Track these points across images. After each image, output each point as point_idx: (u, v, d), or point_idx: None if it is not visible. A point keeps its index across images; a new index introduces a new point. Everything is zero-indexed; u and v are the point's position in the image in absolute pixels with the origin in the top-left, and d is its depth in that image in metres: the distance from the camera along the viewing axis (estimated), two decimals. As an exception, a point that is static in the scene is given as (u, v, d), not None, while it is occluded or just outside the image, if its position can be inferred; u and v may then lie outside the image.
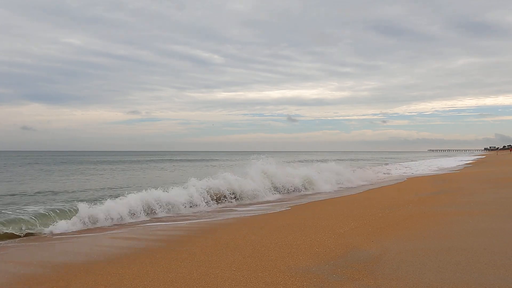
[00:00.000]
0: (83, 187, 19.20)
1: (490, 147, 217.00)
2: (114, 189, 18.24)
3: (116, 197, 10.96)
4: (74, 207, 9.80)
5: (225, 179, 13.55)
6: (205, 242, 7.05)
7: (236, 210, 11.55)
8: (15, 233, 8.14)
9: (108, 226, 9.26)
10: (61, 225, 8.75)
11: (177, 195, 11.45)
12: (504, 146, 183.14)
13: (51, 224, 8.79)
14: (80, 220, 9.16)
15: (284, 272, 5.01)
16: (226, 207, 12.35)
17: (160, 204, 10.81)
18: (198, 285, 4.64)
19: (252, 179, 14.44)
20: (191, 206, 11.46)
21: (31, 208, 10.46)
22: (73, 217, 9.29)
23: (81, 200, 11.43)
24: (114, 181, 23.93)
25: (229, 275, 4.98)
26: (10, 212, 9.83)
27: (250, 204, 12.90)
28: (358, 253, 5.74)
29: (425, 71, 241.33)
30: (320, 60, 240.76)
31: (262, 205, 12.61)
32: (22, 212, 9.83)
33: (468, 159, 63.28)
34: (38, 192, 16.74)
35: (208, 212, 11.36)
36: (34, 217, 9.04)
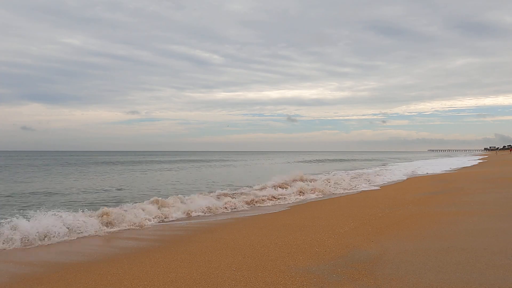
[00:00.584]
0: (74, 190, 19.20)
1: (490, 147, 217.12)
2: (109, 191, 18.25)
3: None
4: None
5: None
6: (205, 242, 7.04)
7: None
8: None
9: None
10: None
11: None
12: (504, 146, 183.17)
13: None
14: None
15: (284, 272, 5.01)
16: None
17: None
18: (198, 285, 4.64)
19: None
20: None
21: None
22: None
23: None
24: (111, 182, 23.94)
25: (229, 275, 4.98)
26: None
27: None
28: (358, 253, 5.74)
29: (424, 71, 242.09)
30: (319, 60, 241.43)
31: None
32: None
33: (473, 158, 63.42)
34: (33, 193, 16.74)
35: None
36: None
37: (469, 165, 38.46)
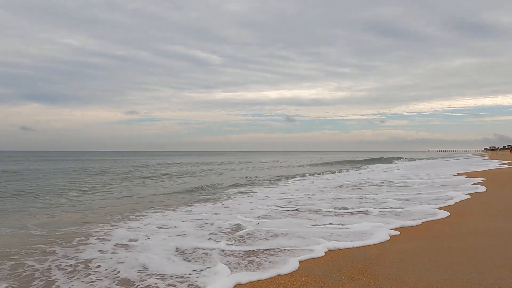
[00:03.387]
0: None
1: (490, 147, 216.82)
2: (98, 192, 18.12)
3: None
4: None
5: None
6: (205, 242, 7.01)
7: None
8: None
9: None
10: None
11: None
12: (504, 146, 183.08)
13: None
14: None
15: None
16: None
17: None
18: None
19: None
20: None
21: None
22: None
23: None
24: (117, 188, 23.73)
25: (229, 275, 4.97)
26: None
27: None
28: (358, 253, 5.74)
29: (422, 72, 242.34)
30: (317, 60, 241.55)
31: None
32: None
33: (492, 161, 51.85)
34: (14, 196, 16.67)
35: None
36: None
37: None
